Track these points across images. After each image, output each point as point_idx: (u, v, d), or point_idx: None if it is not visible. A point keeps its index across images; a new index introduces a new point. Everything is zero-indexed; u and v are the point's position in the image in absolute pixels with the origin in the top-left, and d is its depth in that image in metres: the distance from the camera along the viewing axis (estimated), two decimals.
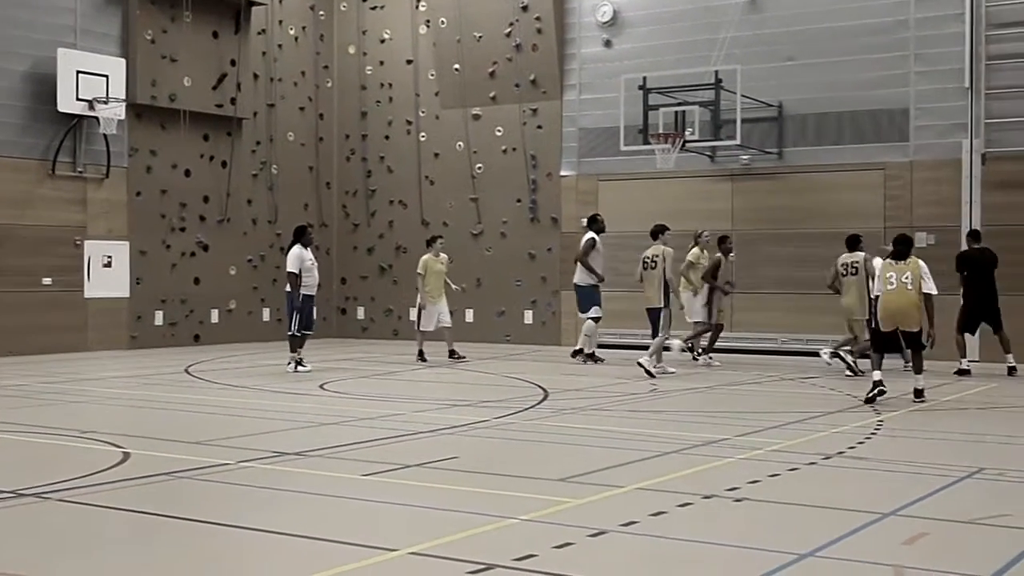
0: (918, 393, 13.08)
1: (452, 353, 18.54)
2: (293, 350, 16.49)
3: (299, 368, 16.31)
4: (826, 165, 19.80)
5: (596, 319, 17.93)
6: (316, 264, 16.86)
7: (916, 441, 10.34)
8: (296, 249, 16.48)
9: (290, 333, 16.55)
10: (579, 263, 17.94)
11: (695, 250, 18.01)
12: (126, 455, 9.10)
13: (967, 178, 18.69)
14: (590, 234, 18.01)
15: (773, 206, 20.04)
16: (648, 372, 15.77)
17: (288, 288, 16.52)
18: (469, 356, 18.80)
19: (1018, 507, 7.40)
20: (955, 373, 16.08)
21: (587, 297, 17.88)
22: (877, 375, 12.88)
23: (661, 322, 16.38)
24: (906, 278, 12.83)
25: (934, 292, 12.92)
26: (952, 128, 18.87)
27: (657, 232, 17.04)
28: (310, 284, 16.55)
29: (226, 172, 22.54)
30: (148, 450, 9.45)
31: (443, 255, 18.98)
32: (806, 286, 18.16)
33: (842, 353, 16.46)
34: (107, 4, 20.59)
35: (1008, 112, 18.46)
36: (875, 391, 12.75)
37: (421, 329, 18.61)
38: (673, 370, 16.47)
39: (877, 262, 16.65)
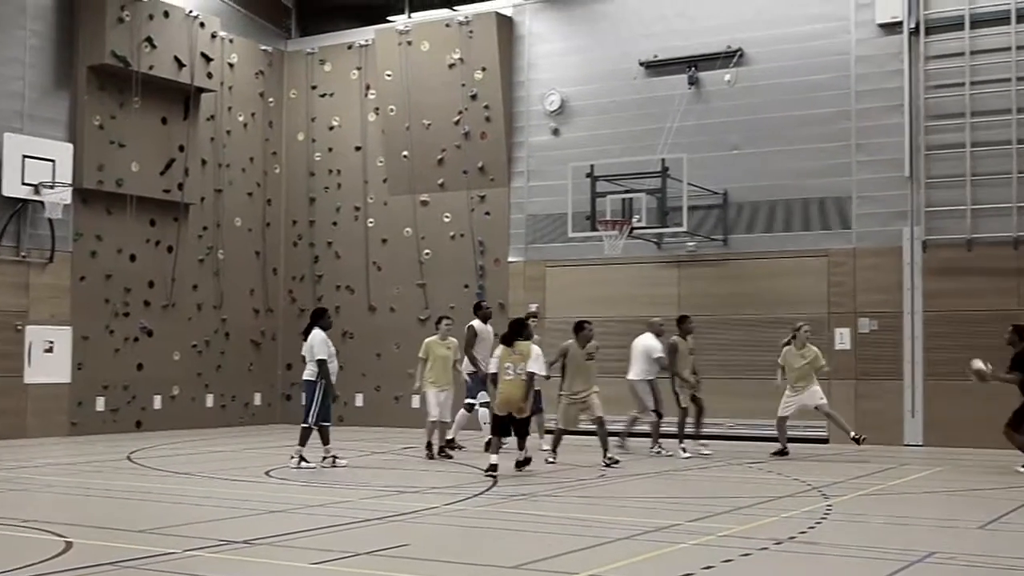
0: (518, 464, 14.27)
1: (441, 449, 16.42)
2: (303, 443, 14.93)
3: (304, 464, 14.80)
4: (771, 252, 20.07)
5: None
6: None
7: (866, 525, 10.36)
8: (320, 333, 15.00)
9: (305, 425, 14.93)
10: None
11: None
12: (68, 544, 8.87)
13: (908, 265, 19.02)
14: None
15: (719, 292, 20.22)
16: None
17: (310, 376, 14.94)
18: (414, 442, 17.92)
19: None
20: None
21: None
22: (494, 459, 13.82)
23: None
24: (520, 369, 13.86)
25: (540, 373, 14.05)
26: (893, 216, 19.22)
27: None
28: (332, 372, 15.09)
29: (172, 257, 22.39)
30: (91, 539, 9.23)
31: (452, 338, 16.89)
32: (751, 371, 18.26)
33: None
34: (55, 89, 20.54)
35: (947, 201, 18.84)
36: (489, 472, 13.65)
37: (430, 419, 16.39)
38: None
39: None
